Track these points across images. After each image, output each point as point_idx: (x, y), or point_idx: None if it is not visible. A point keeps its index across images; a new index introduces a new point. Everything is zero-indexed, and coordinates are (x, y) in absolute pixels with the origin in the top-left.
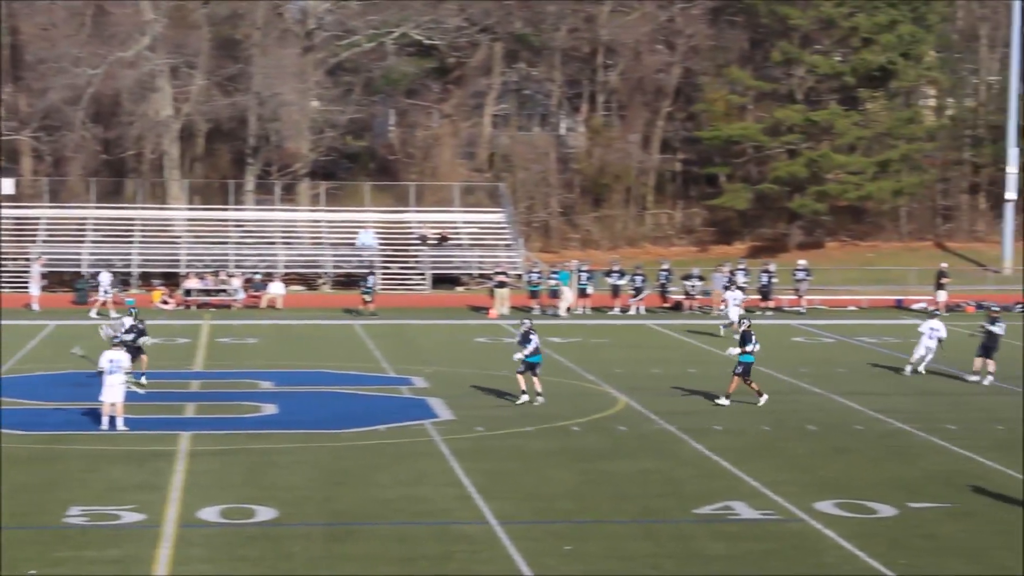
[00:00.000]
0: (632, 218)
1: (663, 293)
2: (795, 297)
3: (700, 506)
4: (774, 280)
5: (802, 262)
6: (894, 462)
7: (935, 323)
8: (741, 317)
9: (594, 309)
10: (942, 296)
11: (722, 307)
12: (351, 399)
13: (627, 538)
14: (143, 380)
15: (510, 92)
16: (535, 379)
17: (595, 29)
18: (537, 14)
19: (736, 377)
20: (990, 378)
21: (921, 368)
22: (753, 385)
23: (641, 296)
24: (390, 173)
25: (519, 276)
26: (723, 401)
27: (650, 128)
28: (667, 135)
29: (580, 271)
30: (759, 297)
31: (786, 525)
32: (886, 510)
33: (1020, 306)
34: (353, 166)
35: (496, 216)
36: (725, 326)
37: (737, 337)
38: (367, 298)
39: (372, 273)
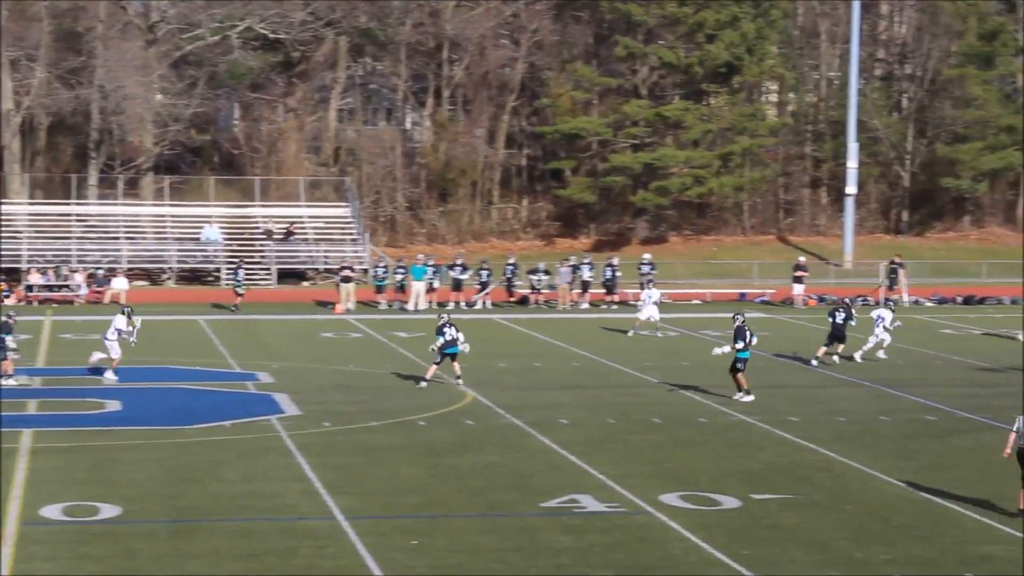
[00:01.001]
0: (478, 212)
1: (509, 287)
2: (640, 291)
3: (547, 499)
4: (618, 274)
5: (647, 256)
6: (737, 454)
7: (882, 312)
8: (735, 314)
9: (439, 304)
10: (798, 289)
11: (638, 303)
12: (196, 395)
13: (474, 532)
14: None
15: (356, 86)
16: (455, 364)
17: (440, 24)
18: (382, 8)
19: (739, 374)
20: (815, 362)
21: (881, 353)
22: (742, 379)
23: (487, 290)
24: (235, 167)
25: (365, 271)
26: (748, 397)
27: (495, 123)
28: (512, 130)
29: (427, 266)
30: (604, 291)
31: (632, 517)
32: (730, 502)
33: (861, 300)
34: (197, 160)
35: (342, 211)
36: (636, 329)
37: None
38: (239, 291)
39: (241, 267)
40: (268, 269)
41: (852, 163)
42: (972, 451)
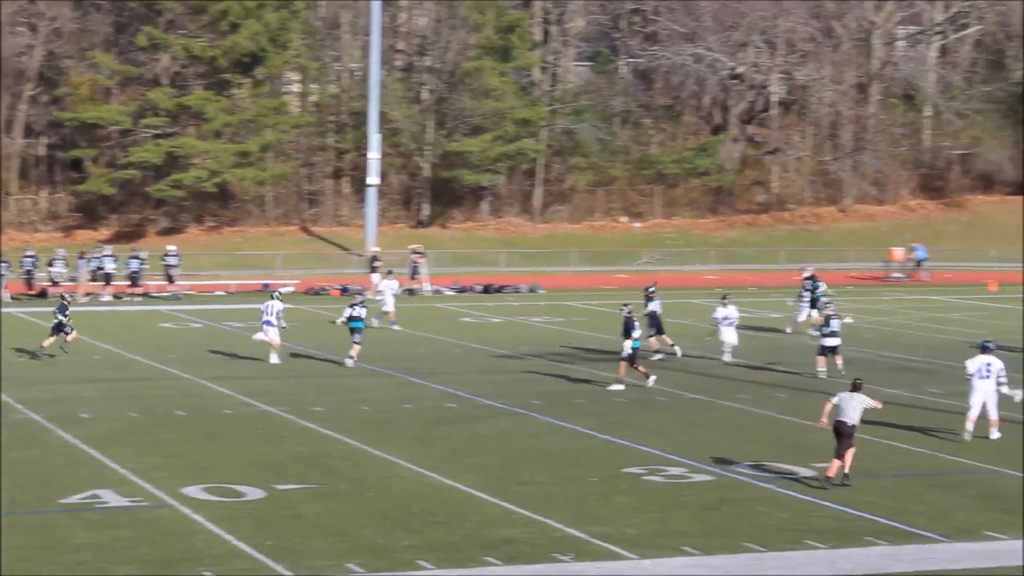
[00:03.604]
0: None
1: (28, 280)
2: (165, 282)
3: (68, 495)
4: (145, 266)
5: (172, 247)
6: (261, 445)
7: (726, 310)
8: (623, 303)
9: None
10: (376, 279)
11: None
12: None
13: None
14: None
15: None
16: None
17: None
18: None
19: (623, 362)
20: (677, 349)
21: (728, 356)
22: (640, 368)
23: (3, 284)
24: None
25: None
26: (617, 387)
27: (12, 112)
28: (30, 119)
29: None
30: (127, 283)
31: (155, 511)
32: (254, 493)
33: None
34: None
35: None
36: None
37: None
38: None
39: None
40: None
41: (374, 154)
42: (492, 437)
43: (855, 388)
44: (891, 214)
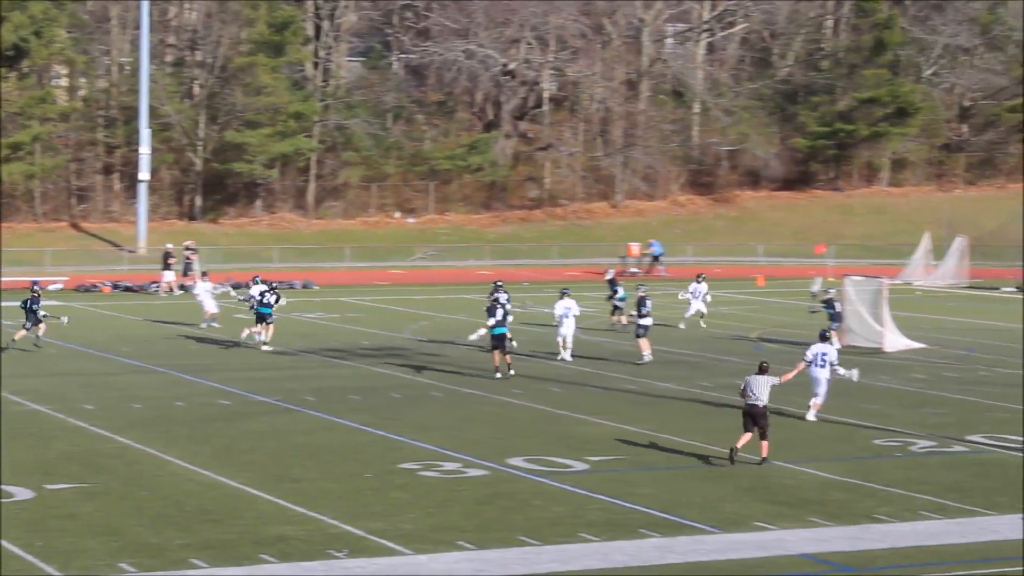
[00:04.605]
0: None
1: None
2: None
3: None
4: None
5: None
6: (30, 444)
7: (568, 302)
8: (491, 292)
9: None
10: (169, 276)
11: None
12: None
13: None
14: None
15: None
16: (269, 327)
17: None
18: None
19: (495, 352)
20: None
21: (567, 355)
22: (507, 358)
23: None
24: None
25: None
26: (498, 375)
27: None
28: None
29: None
30: None
31: None
32: (23, 493)
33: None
34: None
35: None
36: (208, 322)
37: None
38: None
39: None
40: None
41: (145, 149)
42: (266, 434)
43: (761, 371)
44: (661, 209)
